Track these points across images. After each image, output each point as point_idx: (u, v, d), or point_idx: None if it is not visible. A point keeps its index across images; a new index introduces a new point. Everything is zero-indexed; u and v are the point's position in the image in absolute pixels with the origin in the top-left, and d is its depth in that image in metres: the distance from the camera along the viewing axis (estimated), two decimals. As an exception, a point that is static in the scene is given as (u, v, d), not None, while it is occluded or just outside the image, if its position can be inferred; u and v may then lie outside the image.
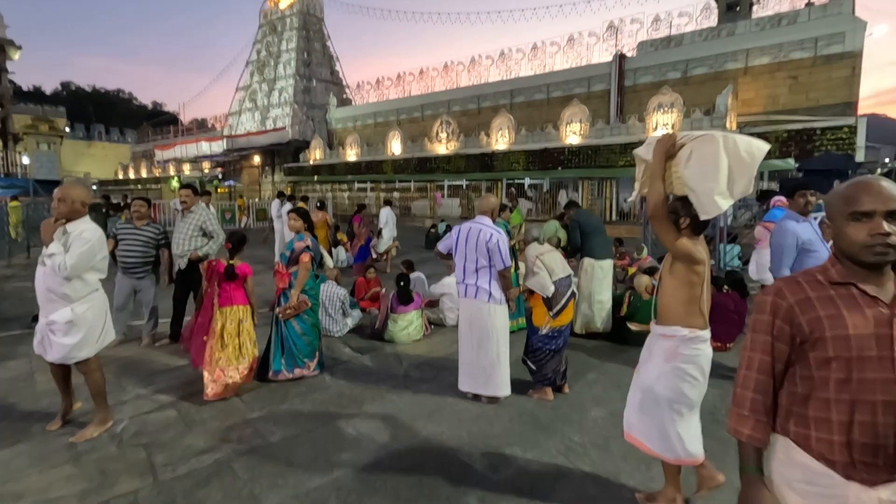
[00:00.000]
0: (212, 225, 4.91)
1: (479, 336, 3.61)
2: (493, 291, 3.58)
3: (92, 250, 2.94)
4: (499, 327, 3.60)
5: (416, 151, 25.03)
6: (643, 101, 20.30)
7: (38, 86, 77.82)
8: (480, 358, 3.60)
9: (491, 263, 3.59)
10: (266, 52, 34.80)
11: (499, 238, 3.56)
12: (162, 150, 37.81)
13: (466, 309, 3.69)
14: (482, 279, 3.60)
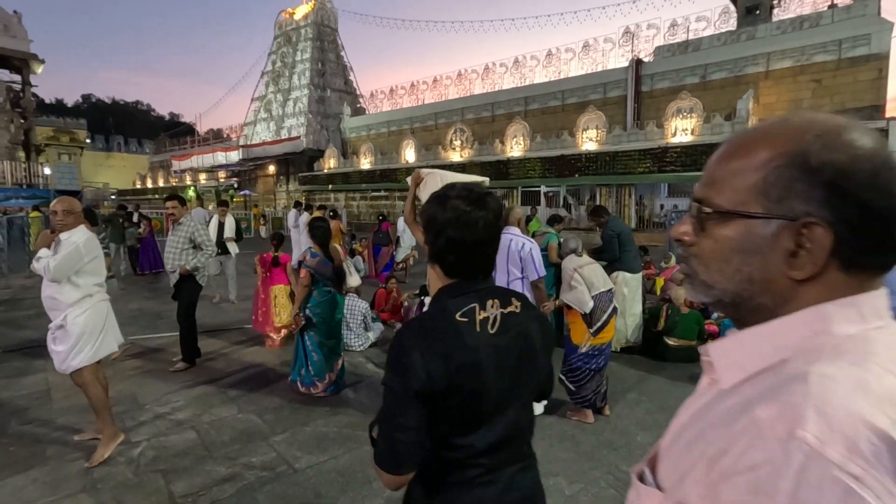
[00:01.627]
0: (200, 236, 4.59)
1: None
2: None
3: (77, 252, 2.91)
4: None
5: (430, 159, 24.94)
6: (661, 106, 20.01)
7: (60, 98, 79.88)
8: None
9: (524, 275, 3.42)
10: (281, 63, 35.18)
11: (531, 247, 3.42)
12: (179, 161, 38.34)
13: None
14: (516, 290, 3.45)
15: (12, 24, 23.54)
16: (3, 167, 22.79)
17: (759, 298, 0.53)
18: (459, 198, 1.11)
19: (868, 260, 0.50)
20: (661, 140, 18.07)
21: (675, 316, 4.73)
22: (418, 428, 0.99)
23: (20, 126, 24.46)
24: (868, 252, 0.49)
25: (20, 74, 24.35)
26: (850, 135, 0.49)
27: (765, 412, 0.44)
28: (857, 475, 0.38)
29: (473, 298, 1.09)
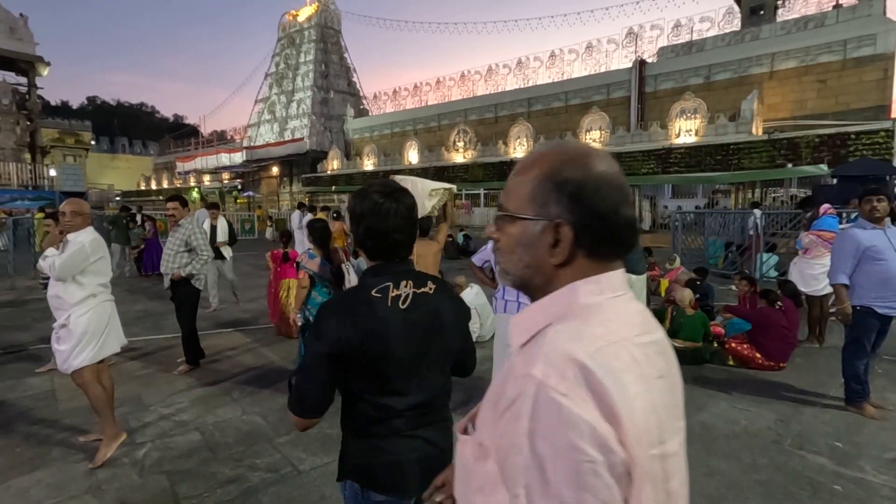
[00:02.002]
0: (197, 240, 4.44)
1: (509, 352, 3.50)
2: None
3: (82, 252, 2.93)
4: None
5: (433, 160, 24.97)
6: (664, 107, 19.98)
7: (66, 101, 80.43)
8: None
9: None
10: (285, 65, 35.29)
11: None
12: (183, 162, 38.50)
13: (502, 326, 3.51)
14: (514, 292, 3.45)
15: (18, 26, 23.71)
16: (9, 169, 22.94)
17: (535, 280, 0.71)
18: (376, 192, 1.32)
19: (602, 249, 0.69)
20: (665, 141, 18.03)
21: (681, 317, 4.70)
22: (324, 383, 1.21)
23: (26, 128, 24.62)
24: (600, 243, 0.68)
25: (26, 77, 24.53)
26: (587, 159, 0.68)
27: (518, 361, 0.63)
28: (563, 392, 0.56)
29: (390, 278, 1.30)
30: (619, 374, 0.58)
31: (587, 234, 0.67)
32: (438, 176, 23.94)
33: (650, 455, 0.58)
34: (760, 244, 8.71)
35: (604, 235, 0.67)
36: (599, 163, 0.68)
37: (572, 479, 0.54)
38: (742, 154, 15.71)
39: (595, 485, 0.53)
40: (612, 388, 0.56)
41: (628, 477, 0.55)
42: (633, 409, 0.57)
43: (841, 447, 3.09)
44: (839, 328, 5.68)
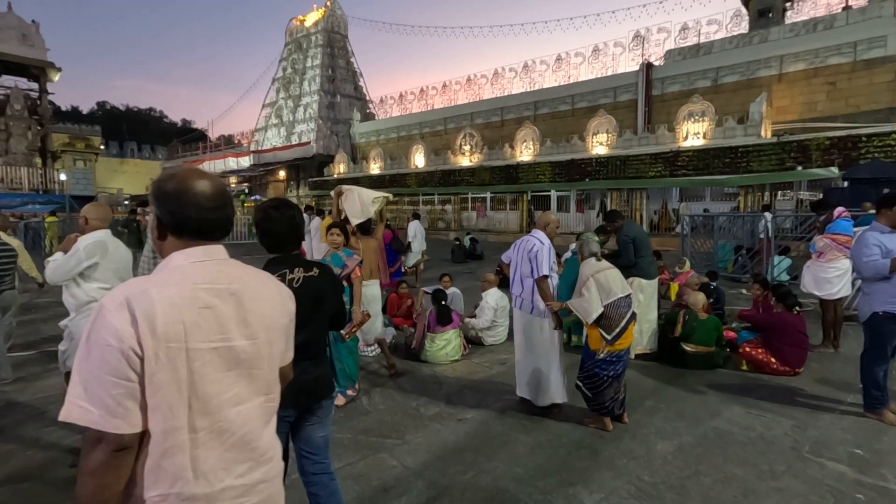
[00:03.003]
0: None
1: (529, 347, 3.72)
2: (535, 303, 3.62)
3: (75, 258, 2.93)
4: (545, 339, 3.64)
5: (439, 164, 25.00)
6: (672, 110, 19.89)
7: (76, 106, 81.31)
8: (532, 367, 3.68)
9: (533, 275, 3.58)
10: (292, 70, 35.52)
11: (539, 248, 3.56)
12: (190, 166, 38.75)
13: (517, 319, 3.81)
14: (526, 289, 3.67)
15: (31, 33, 24.03)
16: (20, 173, 23.20)
17: (159, 250, 1.14)
18: (268, 206, 1.96)
19: (183, 234, 1.09)
20: (673, 144, 17.93)
21: (693, 322, 4.64)
22: None
23: (37, 133, 24.91)
24: (180, 230, 1.09)
25: (37, 82, 24.84)
26: (164, 177, 1.12)
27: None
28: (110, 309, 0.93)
29: (285, 266, 1.93)
30: (153, 301, 0.95)
31: (169, 224, 1.10)
32: (445, 179, 24.00)
33: (168, 347, 0.94)
34: (772, 248, 8.61)
35: (178, 225, 1.09)
36: (173, 181, 1.10)
37: (98, 353, 0.91)
38: (751, 157, 15.59)
39: (109, 357, 0.90)
40: (139, 308, 0.93)
41: (138, 358, 0.92)
42: (154, 320, 0.93)
43: (861, 455, 3.03)
44: (854, 333, 5.60)
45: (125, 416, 0.90)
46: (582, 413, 3.57)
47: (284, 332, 1.24)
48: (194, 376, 0.97)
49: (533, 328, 3.66)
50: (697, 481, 2.75)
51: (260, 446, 1.09)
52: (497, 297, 5.62)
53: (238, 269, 1.15)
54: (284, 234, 1.95)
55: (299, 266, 1.94)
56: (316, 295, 1.93)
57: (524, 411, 3.69)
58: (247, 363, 1.07)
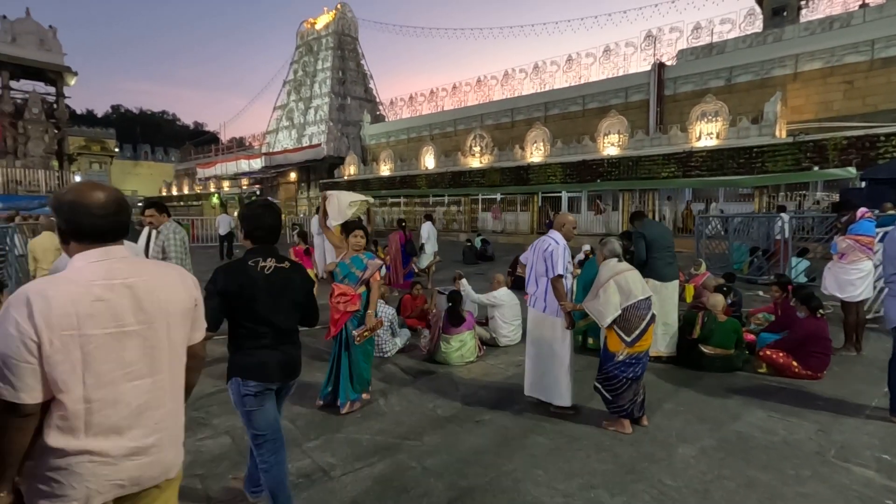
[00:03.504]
0: (172, 247, 4.26)
1: (538, 345, 3.73)
2: (548, 302, 3.62)
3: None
4: (557, 338, 3.62)
5: (449, 166, 25.01)
6: (684, 110, 19.70)
7: (91, 109, 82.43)
8: (540, 365, 3.71)
9: (547, 274, 3.60)
10: (303, 72, 35.76)
11: (554, 248, 3.57)
12: (203, 168, 39.19)
13: (530, 317, 3.82)
14: (540, 288, 3.68)
15: (48, 38, 24.46)
16: (38, 176, 23.61)
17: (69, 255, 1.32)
18: (257, 206, 2.35)
19: (81, 239, 1.28)
20: (686, 144, 17.76)
21: (712, 324, 4.59)
22: (214, 309, 2.07)
23: (54, 136, 25.33)
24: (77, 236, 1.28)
25: (54, 86, 25.26)
26: (63, 190, 1.30)
27: None
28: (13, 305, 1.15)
29: (260, 255, 2.24)
30: (48, 298, 1.14)
31: (66, 231, 1.29)
32: (455, 181, 24.00)
33: (62, 335, 1.14)
34: (789, 249, 8.49)
35: (74, 231, 1.28)
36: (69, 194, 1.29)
37: (4, 341, 1.12)
38: (766, 157, 15.39)
39: (11, 344, 1.11)
40: (36, 302, 1.13)
41: (35, 344, 1.12)
42: (49, 312, 1.13)
43: (889, 460, 2.97)
44: (875, 336, 5.50)
45: (27, 391, 1.13)
46: (600, 415, 3.54)
47: (188, 315, 1.43)
48: (88, 357, 1.18)
49: (545, 327, 3.66)
50: (721, 485, 2.71)
51: (156, 415, 1.31)
52: (505, 294, 5.60)
53: (135, 265, 1.34)
54: (269, 229, 2.33)
55: (272, 257, 2.26)
56: (284, 283, 2.25)
57: (542, 413, 3.68)
58: (144, 344, 1.28)
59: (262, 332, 2.17)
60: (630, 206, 18.71)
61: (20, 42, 23.58)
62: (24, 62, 23.73)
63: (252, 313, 2.14)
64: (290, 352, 2.29)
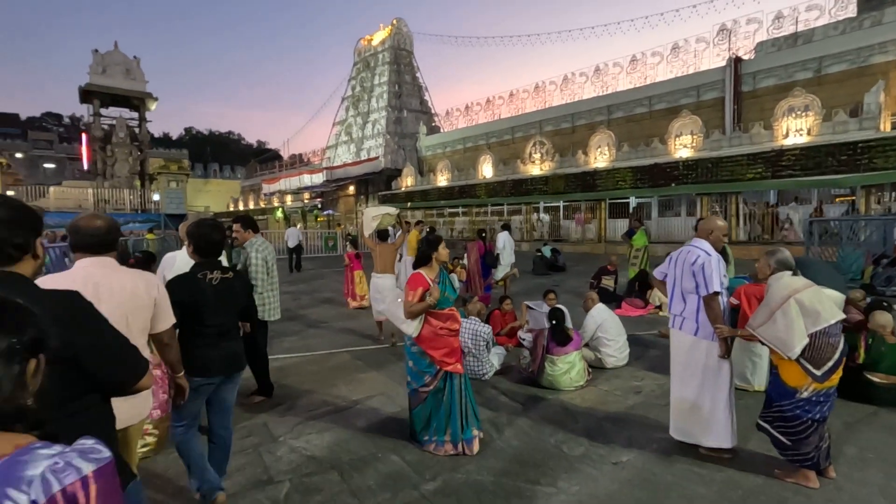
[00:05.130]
0: (252, 267, 4.01)
1: (687, 375, 3.13)
2: (701, 323, 3.04)
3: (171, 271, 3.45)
4: (711, 367, 3.03)
5: (508, 174, 24.51)
6: (766, 106, 18.19)
7: (167, 132, 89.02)
8: (690, 398, 3.11)
9: (698, 291, 3.02)
10: (360, 88, 36.61)
11: (705, 260, 2.99)
12: (268, 184, 40.91)
13: (672, 342, 3.26)
14: (689, 307, 3.10)
15: (133, 68, 26.39)
16: (123, 195, 25.37)
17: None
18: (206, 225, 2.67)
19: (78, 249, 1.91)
20: (771, 142, 16.32)
21: (880, 346, 3.82)
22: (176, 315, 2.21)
23: (137, 158, 27.18)
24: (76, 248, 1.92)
25: (137, 111, 27.17)
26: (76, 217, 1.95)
27: None
28: None
29: (206, 268, 2.56)
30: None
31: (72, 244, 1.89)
32: (516, 189, 23.44)
33: None
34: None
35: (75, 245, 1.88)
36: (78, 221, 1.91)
37: None
38: (873, 153, 13.76)
39: None
40: None
41: None
42: None
43: None
44: None
45: None
46: (766, 462, 2.93)
47: (146, 310, 1.96)
48: None
49: (696, 354, 3.07)
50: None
51: None
52: (603, 312, 5.04)
53: (108, 270, 1.87)
54: (215, 245, 2.64)
55: (218, 270, 2.57)
56: (228, 291, 2.57)
57: (689, 454, 3.10)
58: None
59: (207, 332, 2.49)
60: (708, 211, 17.40)
61: (109, 73, 25.57)
62: (112, 91, 25.70)
63: (200, 318, 2.45)
64: (233, 348, 2.62)
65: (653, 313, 7.50)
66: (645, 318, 7.21)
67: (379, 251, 6.26)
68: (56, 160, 53.94)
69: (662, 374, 4.62)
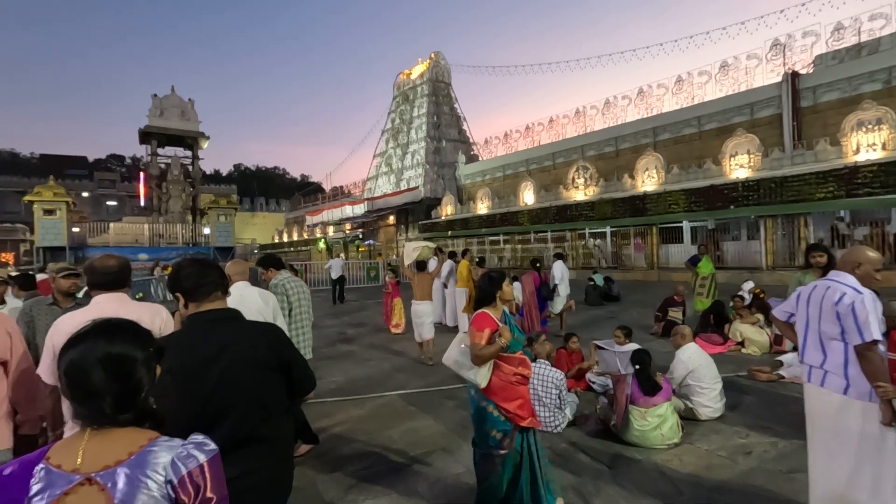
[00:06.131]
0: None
1: (832, 444, 2.46)
2: (851, 379, 2.39)
3: None
4: (868, 436, 2.35)
5: (550, 200, 23.94)
6: (829, 121, 17.04)
7: (217, 169, 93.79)
8: (840, 473, 2.41)
9: (845, 338, 2.39)
10: (400, 120, 37.35)
11: (854, 300, 2.37)
12: (311, 216, 41.95)
13: (810, 401, 2.60)
14: (832, 359, 2.46)
15: (187, 109, 27.92)
16: (176, 229, 26.44)
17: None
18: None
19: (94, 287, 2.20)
20: (838, 159, 15.13)
21: None
22: None
23: (189, 194, 28.44)
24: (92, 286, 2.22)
25: (191, 150, 28.57)
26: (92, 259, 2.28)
27: None
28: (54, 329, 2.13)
29: None
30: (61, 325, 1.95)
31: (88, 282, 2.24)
32: (560, 215, 22.80)
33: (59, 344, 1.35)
34: None
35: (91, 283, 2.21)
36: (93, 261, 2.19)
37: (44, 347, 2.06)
38: (967, 167, 12.42)
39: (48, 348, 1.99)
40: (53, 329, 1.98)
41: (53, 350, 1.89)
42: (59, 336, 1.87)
43: None
44: None
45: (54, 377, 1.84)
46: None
47: None
48: None
49: (847, 419, 2.40)
50: None
51: None
52: (695, 354, 4.39)
53: (120, 304, 2.07)
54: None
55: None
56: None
57: (843, 547, 2.43)
58: None
59: None
60: (775, 234, 16.19)
61: (166, 115, 27.13)
62: (168, 131, 27.21)
63: None
64: None
65: (734, 350, 6.69)
66: (726, 357, 6.41)
67: (417, 280, 6.97)
68: (118, 198, 57.55)
69: (770, 428, 3.92)
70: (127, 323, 1.14)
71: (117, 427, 1.03)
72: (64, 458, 0.99)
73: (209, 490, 1.02)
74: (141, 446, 1.01)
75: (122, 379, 1.04)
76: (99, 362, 1.02)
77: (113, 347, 1.05)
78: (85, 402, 1.02)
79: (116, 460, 0.99)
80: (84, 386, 1.02)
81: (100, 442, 1.01)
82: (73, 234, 23.25)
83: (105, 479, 0.97)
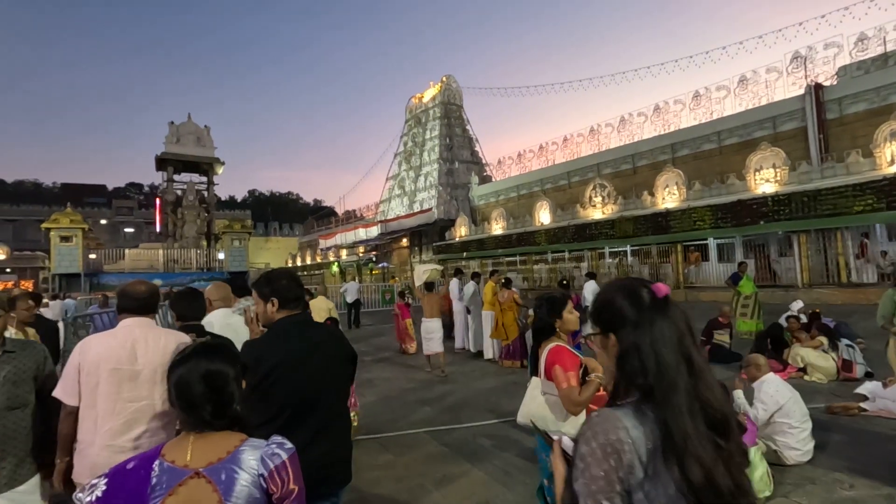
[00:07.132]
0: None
1: None
2: None
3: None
4: None
5: (567, 219, 23.44)
6: (857, 133, 16.46)
7: (232, 195, 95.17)
8: None
9: None
10: (412, 143, 37.44)
11: None
12: (325, 239, 41.88)
13: None
14: None
15: (203, 136, 28.21)
16: (191, 255, 26.38)
17: None
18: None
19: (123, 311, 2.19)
20: (872, 170, 14.49)
21: None
22: None
23: (204, 219, 28.49)
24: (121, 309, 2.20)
25: (206, 176, 28.75)
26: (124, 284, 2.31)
27: None
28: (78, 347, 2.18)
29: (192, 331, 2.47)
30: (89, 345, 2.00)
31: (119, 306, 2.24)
32: (579, 234, 22.25)
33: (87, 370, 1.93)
34: None
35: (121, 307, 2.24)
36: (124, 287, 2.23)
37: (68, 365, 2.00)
38: None
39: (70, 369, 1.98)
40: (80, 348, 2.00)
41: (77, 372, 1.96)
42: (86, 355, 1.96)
43: None
44: None
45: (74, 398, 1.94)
46: None
47: None
48: (101, 383, 1.93)
49: None
50: None
51: (135, 428, 1.94)
52: (782, 387, 3.81)
53: (146, 329, 2.10)
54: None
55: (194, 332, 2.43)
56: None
57: None
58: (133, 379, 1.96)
59: None
60: (807, 250, 15.46)
61: (182, 141, 27.43)
62: (184, 157, 27.45)
63: None
64: None
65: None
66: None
67: (426, 300, 7.70)
68: (135, 224, 58.39)
69: (872, 473, 3.30)
70: (222, 345, 1.38)
71: (215, 431, 1.23)
72: (176, 456, 1.18)
73: (292, 482, 1.22)
74: (235, 446, 1.22)
75: (218, 391, 1.23)
76: (201, 378, 1.22)
77: (212, 365, 1.25)
78: (190, 411, 1.23)
79: (218, 458, 1.19)
80: (189, 397, 1.22)
81: (203, 443, 1.20)
82: (90, 260, 23.26)
83: (210, 474, 1.16)
